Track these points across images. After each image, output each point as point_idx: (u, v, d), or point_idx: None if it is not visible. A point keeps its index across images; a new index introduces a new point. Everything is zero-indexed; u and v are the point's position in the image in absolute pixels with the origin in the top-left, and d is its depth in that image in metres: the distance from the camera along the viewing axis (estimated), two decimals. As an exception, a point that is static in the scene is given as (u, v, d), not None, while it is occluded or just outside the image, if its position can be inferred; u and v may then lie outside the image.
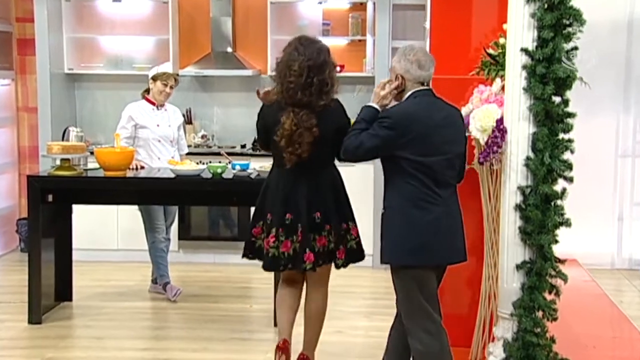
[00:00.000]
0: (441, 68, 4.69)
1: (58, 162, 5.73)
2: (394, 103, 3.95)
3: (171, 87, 6.17)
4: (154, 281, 6.43)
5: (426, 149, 3.71)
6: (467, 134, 4.00)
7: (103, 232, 7.32)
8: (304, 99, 4.16)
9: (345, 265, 4.38)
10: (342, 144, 3.92)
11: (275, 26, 7.55)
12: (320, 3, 7.56)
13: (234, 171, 5.64)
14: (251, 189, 5.65)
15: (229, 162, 5.80)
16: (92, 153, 6.01)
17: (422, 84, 3.85)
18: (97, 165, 5.86)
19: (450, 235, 3.78)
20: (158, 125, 6.17)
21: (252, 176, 5.62)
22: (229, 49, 7.68)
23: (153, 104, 6.20)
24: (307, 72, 4.13)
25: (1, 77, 7.79)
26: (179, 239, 7.42)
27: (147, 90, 6.24)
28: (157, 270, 6.31)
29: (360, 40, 7.54)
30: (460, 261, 3.87)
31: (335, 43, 7.57)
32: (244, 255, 4.50)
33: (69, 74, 7.74)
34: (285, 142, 4.19)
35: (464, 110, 4.21)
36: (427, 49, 5.12)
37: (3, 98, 7.86)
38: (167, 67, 6.26)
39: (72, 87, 7.90)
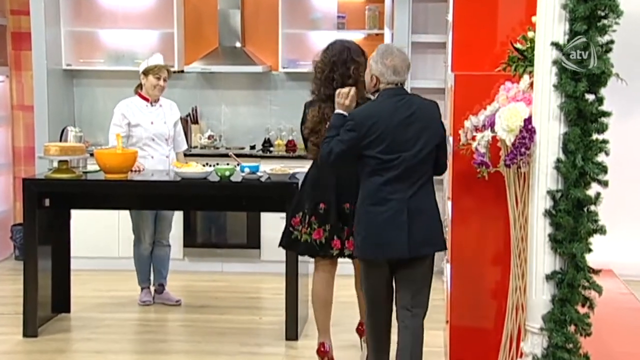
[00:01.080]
0: (465, 64, 4.70)
1: (55, 164, 5.74)
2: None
3: (165, 80, 6.20)
4: (157, 290, 6.45)
5: (390, 147, 4.17)
6: (444, 127, 4.35)
7: (103, 238, 7.34)
8: (327, 92, 4.75)
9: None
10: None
11: (287, 19, 7.56)
12: (335, -6, 7.57)
13: (243, 174, 5.65)
14: (261, 193, 5.68)
15: (238, 164, 5.80)
16: (91, 154, 6.03)
17: (396, 85, 4.28)
18: (97, 168, 5.88)
19: (412, 230, 4.18)
20: (152, 123, 6.19)
21: (262, 179, 5.61)
22: (238, 44, 7.69)
23: (147, 100, 6.22)
24: (331, 67, 4.78)
25: (-5, 74, 7.84)
26: (184, 246, 7.43)
27: (140, 86, 6.26)
28: (138, 275, 6.39)
29: (377, 34, 7.53)
30: (431, 252, 4.30)
31: (350, 37, 7.55)
32: (280, 245, 5.11)
33: (67, 70, 7.77)
34: (307, 133, 4.84)
35: (489, 109, 4.20)
36: (450, 43, 5.11)
37: (-3, 96, 7.90)
38: (158, 59, 6.26)
39: (71, 84, 7.93)
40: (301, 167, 6.21)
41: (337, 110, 4.43)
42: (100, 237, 7.32)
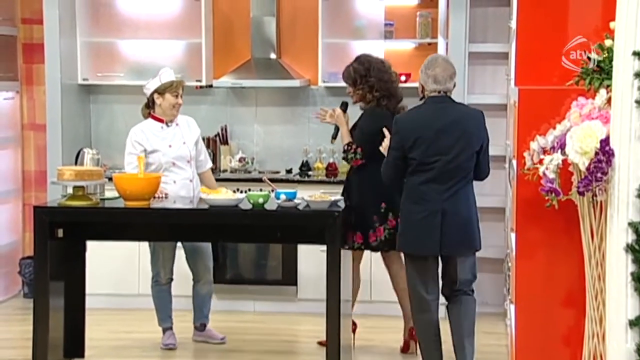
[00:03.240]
0: (530, 77, 4.67)
1: (70, 190, 5.77)
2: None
3: (181, 97, 6.23)
4: (199, 329, 6.46)
5: (430, 151, 5.05)
6: (487, 136, 5.16)
7: (122, 274, 7.36)
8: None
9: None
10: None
11: (328, 27, 7.55)
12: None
13: (278, 201, 5.63)
14: (299, 223, 5.66)
15: (272, 191, 5.79)
16: (110, 179, 6.04)
17: (438, 92, 5.16)
18: (116, 194, 5.89)
19: (446, 231, 5.03)
20: (170, 146, 6.20)
21: (300, 207, 5.59)
22: (273, 55, 7.71)
23: (161, 121, 6.23)
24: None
25: (4, 89, 7.90)
26: (213, 282, 7.40)
27: (148, 106, 6.27)
28: (157, 314, 6.42)
29: (430, 44, 7.50)
30: (465, 254, 5.16)
31: (399, 47, 7.55)
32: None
33: (84, 85, 7.84)
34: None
35: (559, 129, 4.16)
36: (513, 53, 5.08)
37: (6, 114, 7.96)
38: (170, 75, 6.27)
39: (87, 100, 7.99)
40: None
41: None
42: (119, 272, 7.34)
